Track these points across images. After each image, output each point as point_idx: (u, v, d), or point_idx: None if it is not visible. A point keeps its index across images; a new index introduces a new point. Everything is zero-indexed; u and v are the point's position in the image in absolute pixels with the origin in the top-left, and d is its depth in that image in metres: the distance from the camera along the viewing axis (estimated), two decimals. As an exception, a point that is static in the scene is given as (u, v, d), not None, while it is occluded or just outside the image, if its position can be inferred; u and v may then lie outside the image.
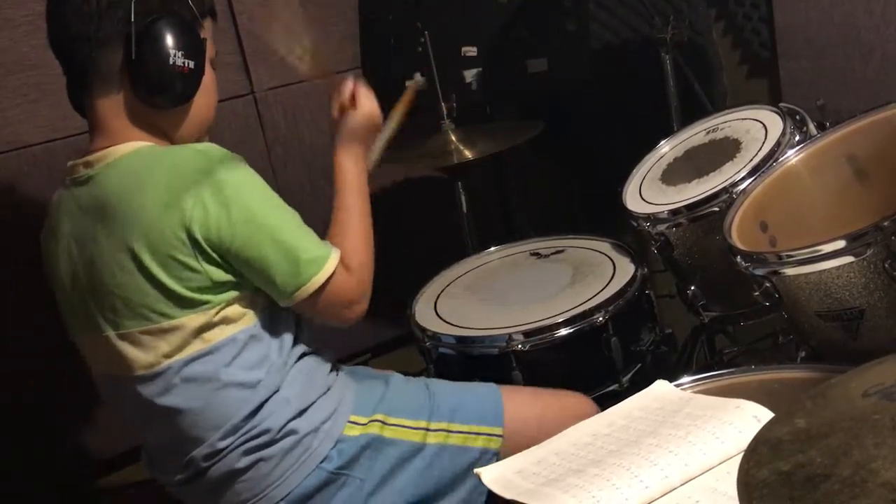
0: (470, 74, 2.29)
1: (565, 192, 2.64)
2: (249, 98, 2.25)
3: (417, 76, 2.15)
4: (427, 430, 1.37)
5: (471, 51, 2.28)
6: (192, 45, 1.28)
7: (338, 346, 1.45)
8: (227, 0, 2.17)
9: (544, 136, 2.11)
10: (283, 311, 1.32)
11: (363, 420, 1.35)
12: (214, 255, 1.22)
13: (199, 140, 1.36)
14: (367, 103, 1.42)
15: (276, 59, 1.41)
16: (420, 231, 1.36)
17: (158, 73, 1.25)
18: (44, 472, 2.06)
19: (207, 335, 1.25)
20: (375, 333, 2.38)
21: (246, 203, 1.22)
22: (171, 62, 1.25)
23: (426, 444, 1.36)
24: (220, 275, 1.23)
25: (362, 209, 1.38)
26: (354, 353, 2.39)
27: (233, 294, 1.25)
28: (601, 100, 2.47)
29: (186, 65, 1.27)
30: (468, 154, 2.03)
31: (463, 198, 2.17)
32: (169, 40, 1.25)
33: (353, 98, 1.42)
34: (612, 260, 1.76)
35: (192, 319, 1.23)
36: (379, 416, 1.36)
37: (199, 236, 1.20)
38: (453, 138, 2.08)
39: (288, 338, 1.32)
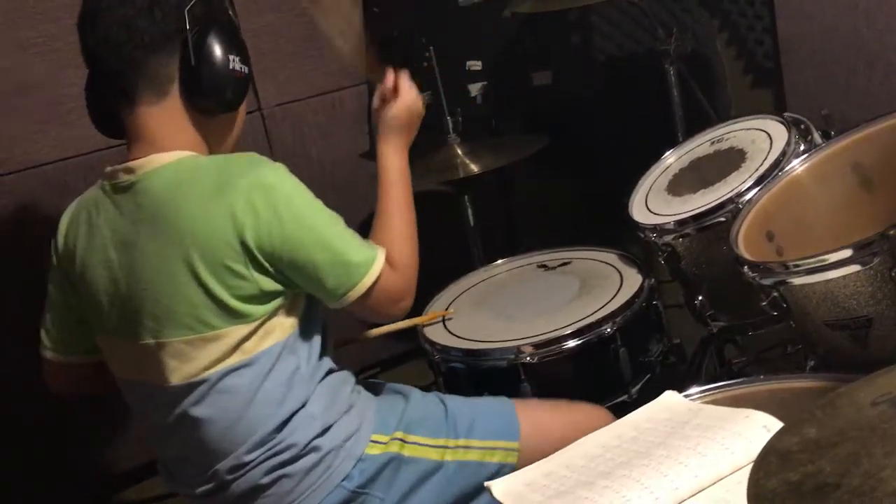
0: (475, 88, 2.31)
1: (572, 204, 2.65)
2: (257, 114, 2.28)
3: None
4: (446, 447, 1.37)
5: (476, 65, 2.30)
6: (243, 50, 1.30)
7: (349, 359, 1.46)
8: (235, 18, 2.19)
9: (550, 149, 2.12)
10: (312, 324, 1.33)
11: (384, 439, 1.35)
12: (265, 262, 1.22)
13: (232, 151, 1.36)
14: (410, 94, 1.44)
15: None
16: (427, 245, 1.38)
17: (217, 78, 1.26)
18: (60, 486, 2.07)
19: (247, 346, 1.25)
20: (385, 347, 2.39)
21: (295, 209, 1.23)
22: (230, 67, 1.26)
23: (445, 461, 1.36)
24: (268, 284, 1.23)
25: (406, 203, 1.40)
26: (365, 367, 2.39)
27: (277, 304, 1.26)
28: (606, 111, 2.48)
29: (241, 70, 1.29)
30: (474, 168, 2.04)
31: (470, 211, 2.18)
32: (226, 45, 1.26)
33: (396, 89, 1.44)
34: (619, 271, 1.76)
35: (236, 331, 1.24)
36: (399, 435, 1.36)
37: (251, 243, 1.21)
38: (459, 152, 2.09)
39: (316, 351, 1.33)
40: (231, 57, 1.27)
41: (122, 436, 2.15)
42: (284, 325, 1.28)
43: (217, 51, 1.25)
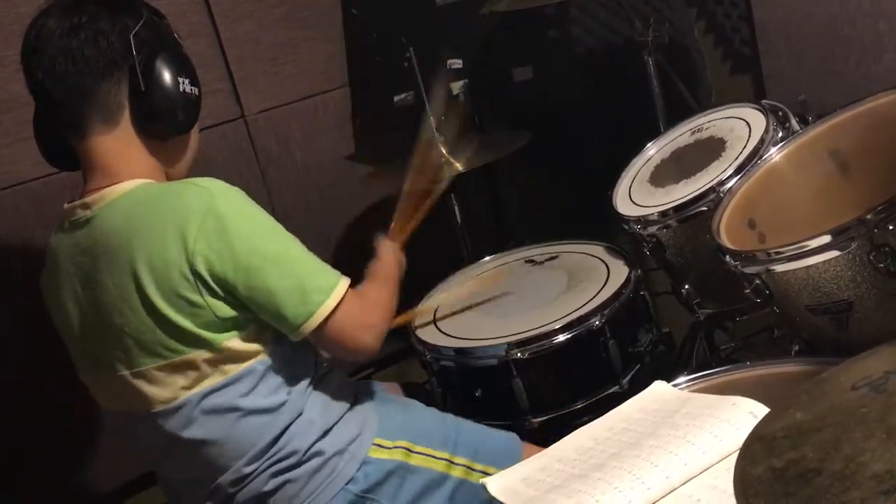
0: (457, 87, 2.31)
1: (558, 198, 2.66)
2: (240, 122, 2.28)
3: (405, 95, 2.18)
4: (451, 462, 1.38)
5: (456, 63, 2.31)
6: (192, 72, 1.30)
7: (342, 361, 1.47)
8: (213, 28, 2.20)
9: (534, 144, 2.14)
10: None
11: (388, 444, 1.36)
12: (219, 290, 1.22)
13: (189, 172, 1.37)
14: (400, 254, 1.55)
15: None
16: (415, 244, 1.40)
17: (168, 102, 1.25)
18: (59, 499, 2.08)
19: (226, 367, 1.25)
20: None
21: (248, 235, 1.22)
22: (180, 89, 1.26)
23: (450, 475, 1.37)
24: (225, 310, 1.23)
25: (392, 282, 1.44)
26: (358, 368, 2.40)
27: (244, 327, 1.25)
28: (588, 104, 2.49)
29: (192, 91, 1.29)
30: (459, 166, 2.05)
31: (456, 209, 2.19)
32: (175, 68, 1.26)
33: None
34: (605, 263, 1.78)
35: (205, 353, 1.24)
36: (403, 444, 1.37)
37: (203, 271, 1.20)
38: (443, 151, 2.10)
39: (307, 363, 1.34)
40: (181, 79, 1.26)
41: (121, 446, 2.16)
42: (266, 341, 1.28)
43: (166, 74, 1.25)
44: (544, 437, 1.36)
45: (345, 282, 1.28)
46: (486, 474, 1.37)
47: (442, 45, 2.29)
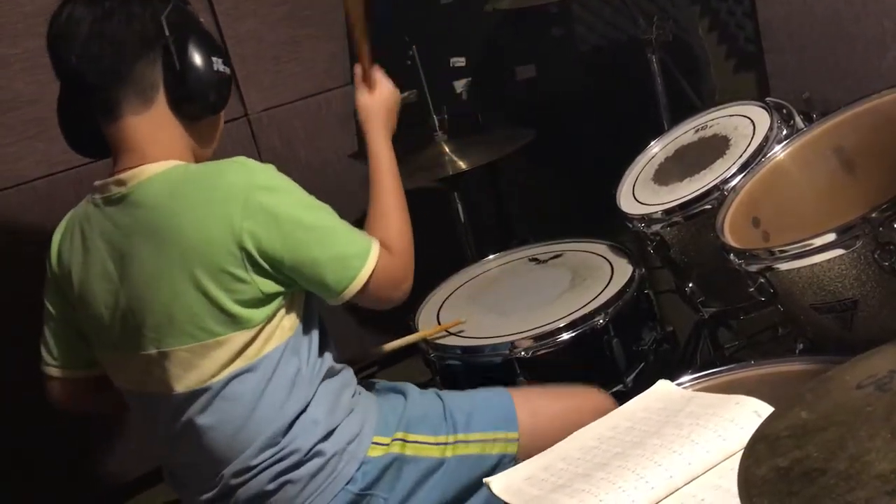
0: (460, 85, 2.31)
1: (561, 196, 2.66)
2: (243, 120, 2.28)
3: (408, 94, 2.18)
4: (446, 444, 1.38)
5: (459, 61, 2.31)
6: (223, 52, 1.32)
7: (347, 359, 1.47)
8: (217, 26, 2.20)
9: (537, 142, 2.14)
10: (311, 324, 1.34)
11: (385, 440, 1.36)
12: (266, 265, 1.23)
13: (214, 156, 1.37)
14: (386, 85, 1.51)
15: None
16: (419, 243, 1.40)
17: (203, 81, 1.27)
18: (66, 497, 2.08)
19: (249, 352, 1.26)
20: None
21: (291, 209, 1.25)
22: (214, 68, 1.28)
23: (446, 458, 1.37)
24: (268, 286, 1.24)
25: (397, 189, 1.43)
26: (363, 366, 2.40)
27: (277, 306, 1.27)
28: (591, 102, 2.49)
29: (225, 71, 1.31)
30: (462, 165, 2.05)
31: (460, 207, 2.19)
32: (207, 47, 1.28)
33: (372, 82, 1.50)
34: (609, 262, 1.78)
35: (238, 336, 1.24)
36: (399, 435, 1.37)
37: (251, 247, 1.21)
38: (447, 150, 2.10)
39: (316, 350, 1.34)
40: (214, 59, 1.28)
41: (126, 445, 2.16)
42: (284, 328, 1.29)
43: (200, 54, 1.27)
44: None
45: (376, 245, 1.31)
46: (483, 441, 1.39)
47: (445, 44, 2.29)
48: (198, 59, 1.27)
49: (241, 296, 1.23)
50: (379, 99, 1.50)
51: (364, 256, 1.28)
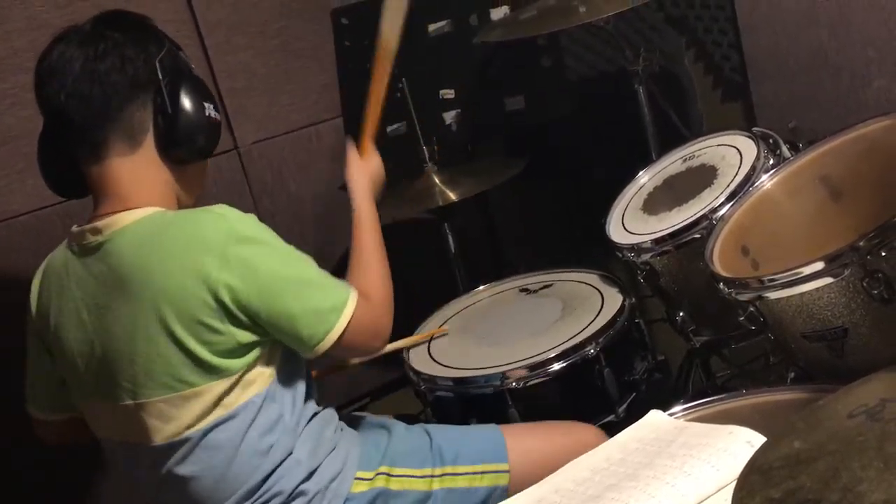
0: (449, 116, 2.33)
1: (551, 226, 2.66)
2: (233, 153, 2.29)
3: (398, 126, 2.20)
4: (432, 476, 1.37)
5: (449, 93, 2.32)
6: (213, 98, 1.32)
7: (338, 392, 1.46)
8: (207, 61, 2.21)
9: (527, 172, 2.14)
10: (293, 370, 1.32)
11: (369, 475, 1.34)
12: (242, 316, 1.21)
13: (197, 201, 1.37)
14: (376, 156, 1.56)
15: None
16: (410, 274, 1.40)
17: (194, 126, 1.27)
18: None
19: (227, 401, 1.24)
20: (373, 378, 2.38)
21: (270, 261, 1.23)
22: (205, 113, 1.28)
23: (433, 490, 1.36)
24: (245, 336, 1.23)
25: (379, 243, 1.43)
26: (354, 399, 2.39)
27: (255, 355, 1.25)
28: (580, 133, 2.51)
29: (216, 116, 1.31)
30: (452, 196, 2.05)
31: (451, 238, 2.19)
32: (200, 93, 1.28)
33: (364, 150, 1.54)
34: (599, 291, 1.78)
35: (215, 386, 1.23)
36: (384, 469, 1.36)
37: (227, 300, 1.20)
38: (437, 181, 2.10)
39: (300, 396, 1.33)
40: (206, 104, 1.28)
41: (115, 478, 2.13)
42: (264, 375, 1.27)
43: (192, 98, 1.27)
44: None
45: (354, 295, 1.29)
46: (472, 474, 1.38)
47: (434, 76, 2.31)
48: (189, 103, 1.26)
49: (218, 346, 1.22)
50: (370, 166, 1.53)
51: (340, 309, 1.26)
